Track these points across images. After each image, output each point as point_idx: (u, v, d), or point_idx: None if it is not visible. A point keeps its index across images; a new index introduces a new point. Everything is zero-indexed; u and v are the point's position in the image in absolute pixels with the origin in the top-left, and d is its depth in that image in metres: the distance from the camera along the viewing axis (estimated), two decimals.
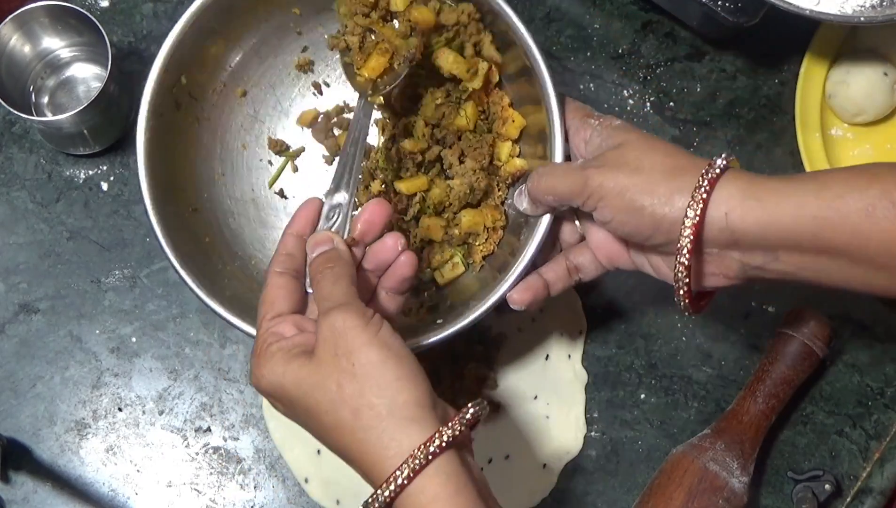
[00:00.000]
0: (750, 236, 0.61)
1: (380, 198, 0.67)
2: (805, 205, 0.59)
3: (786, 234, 0.60)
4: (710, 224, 0.61)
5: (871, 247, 0.58)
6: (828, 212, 0.58)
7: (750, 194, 0.60)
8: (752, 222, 0.60)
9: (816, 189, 0.59)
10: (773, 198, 0.60)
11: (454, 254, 0.76)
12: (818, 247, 0.59)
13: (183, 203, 0.75)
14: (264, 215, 0.79)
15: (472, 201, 0.75)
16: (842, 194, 0.58)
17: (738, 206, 0.60)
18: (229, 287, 0.73)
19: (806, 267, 0.61)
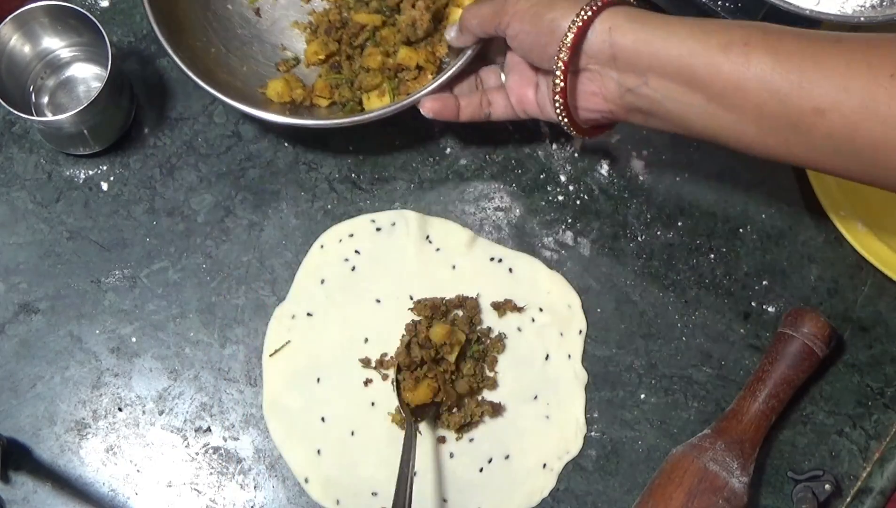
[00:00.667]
0: (626, 51, 0.67)
1: None
2: (676, 33, 0.65)
3: (655, 56, 0.66)
4: (594, 36, 0.68)
5: (722, 81, 0.64)
6: (693, 43, 0.65)
7: (634, 18, 0.68)
8: (629, 40, 0.67)
9: (691, 24, 0.66)
10: (652, 24, 0.67)
11: (385, 82, 0.84)
12: (681, 75, 0.65)
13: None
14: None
15: (413, 38, 0.84)
16: (709, 31, 0.65)
17: (621, 25, 0.67)
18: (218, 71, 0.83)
19: (670, 96, 0.67)
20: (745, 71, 0.63)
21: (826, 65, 0.61)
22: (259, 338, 0.82)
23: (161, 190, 0.86)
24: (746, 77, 0.63)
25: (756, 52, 0.63)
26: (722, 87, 0.64)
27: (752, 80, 0.63)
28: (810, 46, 0.62)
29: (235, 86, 0.83)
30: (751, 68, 0.63)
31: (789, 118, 0.62)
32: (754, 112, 0.63)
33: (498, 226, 0.85)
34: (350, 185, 0.86)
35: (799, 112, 0.62)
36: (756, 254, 0.85)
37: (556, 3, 0.70)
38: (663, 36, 0.66)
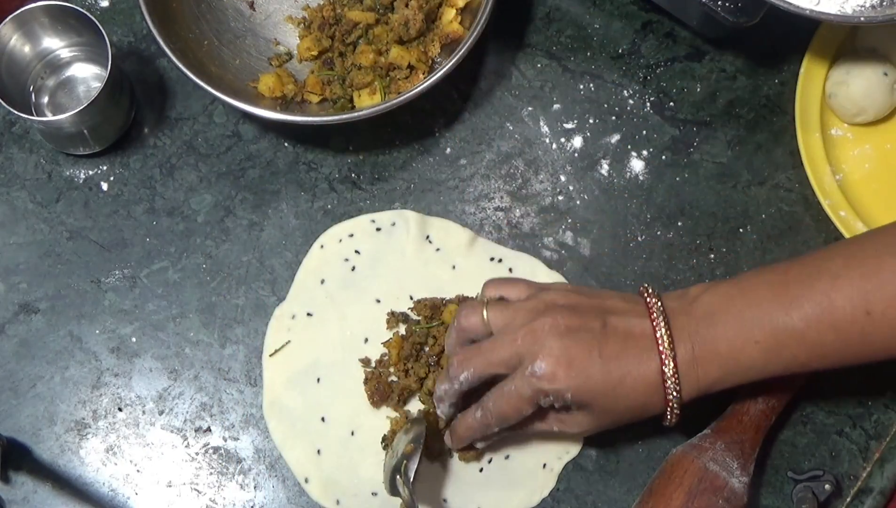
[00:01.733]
0: (716, 383, 0.69)
1: None
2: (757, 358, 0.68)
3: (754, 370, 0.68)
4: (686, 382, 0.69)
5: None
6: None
7: (704, 328, 0.68)
8: (714, 373, 0.69)
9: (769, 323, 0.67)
10: (732, 328, 0.67)
11: (376, 80, 0.84)
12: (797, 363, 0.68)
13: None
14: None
15: (405, 37, 0.84)
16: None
17: (703, 359, 0.68)
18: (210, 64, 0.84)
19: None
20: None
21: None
22: (259, 338, 0.82)
23: (161, 190, 0.86)
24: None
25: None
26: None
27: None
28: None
29: (227, 79, 0.84)
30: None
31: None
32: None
33: (498, 226, 0.85)
34: (350, 185, 0.86)
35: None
36: (756, 254, 0.85)
37: (623, 352, 0.68)
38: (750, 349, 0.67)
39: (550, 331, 0.67)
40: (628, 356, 0.67)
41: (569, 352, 0.67)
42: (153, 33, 0.80)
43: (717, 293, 0.69)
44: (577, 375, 0.67)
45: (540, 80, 0.88)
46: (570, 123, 0.88)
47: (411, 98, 0.79)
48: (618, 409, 0.69)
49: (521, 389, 0.68)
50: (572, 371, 0.67)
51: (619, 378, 0.67)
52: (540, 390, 0.68)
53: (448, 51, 0.84)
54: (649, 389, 0.68)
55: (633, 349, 0.68)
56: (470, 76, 0.88)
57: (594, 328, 0.68)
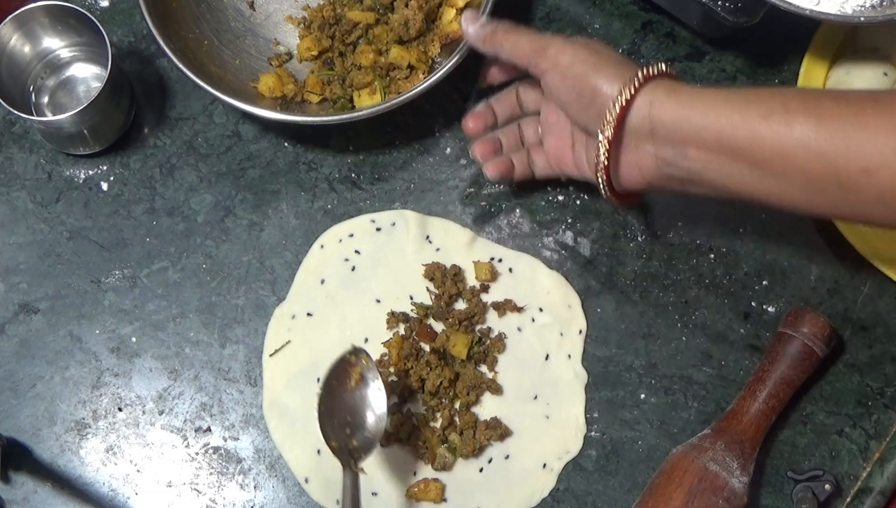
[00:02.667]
0: (664, 126, 0.67)
1: None
2: (714, 106, 0.66)
3: (694, 130, 0.66)
4: (635, 111, 0.68)
5: (765, 149, 0.64)
6: (732, 113, 0.65)
7: (672, 92, 0.68)
8: (668, 114, 0.67)
9: (727, 95, 0.66)
10: (689, 98, 0.67)
11: (376, 80, 0.84)
12: (721, 147, 0.66)
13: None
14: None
15: (405, 37, 0.84)
16: (747, 100, 0.65)
17: (661, 100, 0.67)
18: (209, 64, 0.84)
19: (710, 167, 0.67)
20: (788, 137, 0.63)
21: (870, 124, 0.61)
22: (259, 338, 0.82)
23: (161, 190, 0.86)
24: (790, 143, 0.63)
25: (797, 117, 0.63)
26: (765, 154, 0.64)
27: (796, 145, 0.63)
28: (850, 107, 0.62)
29: (227, 79, 0.84)
30: (794, 134, 0.63)
31: (837, 179, 0.62)
32: (800, 176, 0.64)
33: (498, 226, 0.85)
34: (350, 185, 0.86)
35: (846, 173, 0.62)
36: (756, 254, 0.85)
37: (601, 68, 0.70)
38: (701, 110, 0.66)
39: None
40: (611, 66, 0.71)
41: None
42: (153, 33, 0.80)
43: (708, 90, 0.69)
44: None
45: None
46: None
47: (411, 98, 0.79)
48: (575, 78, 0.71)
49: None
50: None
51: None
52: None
53: (448, 51, 0.84)
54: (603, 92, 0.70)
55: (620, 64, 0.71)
56: (470, 76, 0.88)
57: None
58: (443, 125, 0.87)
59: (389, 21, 0.86)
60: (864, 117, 0.62)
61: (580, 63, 0.71)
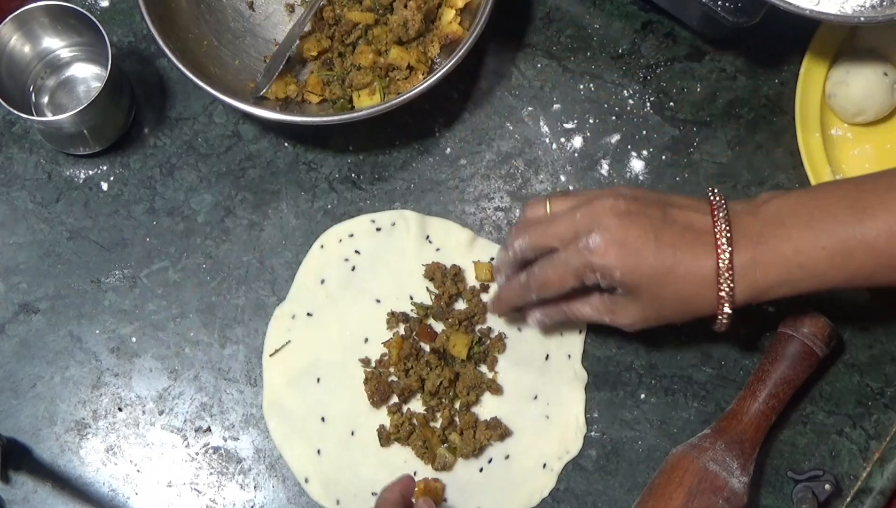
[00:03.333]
0: (774, 286, 0.68)
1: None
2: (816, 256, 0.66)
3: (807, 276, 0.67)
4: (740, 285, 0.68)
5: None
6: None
7: (763, 240, 0.67)
8: (773, 276, 0.67)
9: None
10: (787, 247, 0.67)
11: (375, 81, 0.84)
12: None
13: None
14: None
15: (405, 37, 0.84)
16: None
17: (762, 262, 0.67)
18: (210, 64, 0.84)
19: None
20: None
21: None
22: (259, 338, 0.82)
23: (161, 190, 0.86)
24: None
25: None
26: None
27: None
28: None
29: (227, 79, 0.84)
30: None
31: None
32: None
33: (498, 226, 0.85)
34: (350, 185, 0.86)
35: None
36: None
37: (680, 241, 0.68)
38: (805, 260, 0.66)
39: (610, 211, 0.68)
40: (684, 246, 0.67)
41: (625, 231, 0.67)
42: (153, 33, 0.80)
43: (788, 199, 0.68)
44: (629, 255, 0.67)
45: (540, 80, 0.88)
46: (570, 123, 0.88)
47: (411, 98, 0.79)
48: (667, 297, 0.68)
49: (571, 259, 0.69)
50: (625, 250, 0.67)
51: (671, 266, 0.67)
52: (589, 263, 0.68)
53: (448, 51, 0.84)
54: (702, 283, 0.67)
55: (691, 240, 0.67)
56: (470, 76, 0.88)
57: (654, 215, 0.68)
58: (443, 125, 0.87)
59: (389, 22, 0.86)
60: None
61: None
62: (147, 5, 0.81)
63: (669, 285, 0.68)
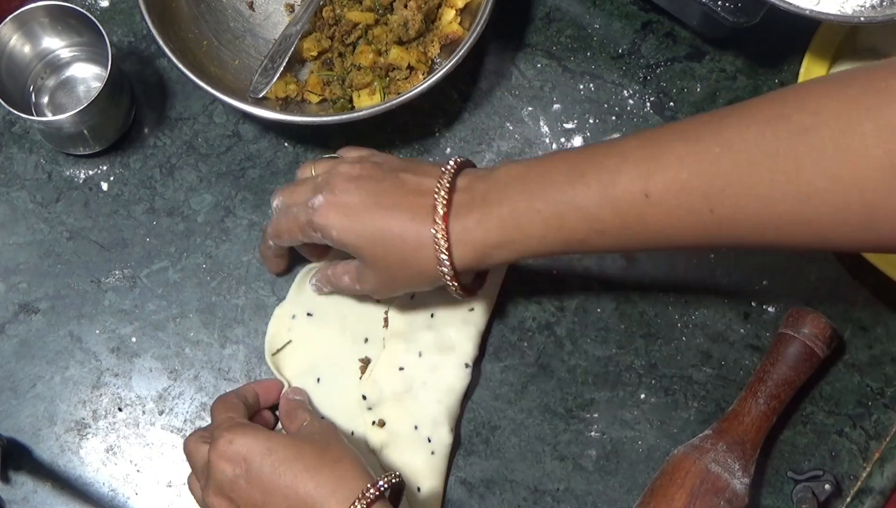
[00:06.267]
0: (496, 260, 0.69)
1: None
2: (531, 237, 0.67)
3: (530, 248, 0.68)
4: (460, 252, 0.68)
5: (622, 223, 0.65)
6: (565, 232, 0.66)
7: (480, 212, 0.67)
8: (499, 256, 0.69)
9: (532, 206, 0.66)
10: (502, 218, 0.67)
11: (375, 81, 0.85)
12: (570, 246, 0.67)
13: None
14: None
15: (405, 37, 0.85)
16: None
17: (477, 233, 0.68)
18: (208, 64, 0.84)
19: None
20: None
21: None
22: (259, 338, 0.82)
23: (161, 190, 0.86)
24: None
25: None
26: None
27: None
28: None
29: (227, 80, 0.84)
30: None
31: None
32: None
33: None
34: None
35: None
36: (756, 254, 0.85)
37: (400, 204, 0.69)
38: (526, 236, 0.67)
39: (342, 175, 0.71)
40: (403, 208, 0.68)
41: (348, 195, 0.70)
42: (153, 33, 0.80)
43: (516, 165, 0.69)
44: (346, 216, 0.69)
45: (540, 80, 0.88)
46: (570, 123, 0.88)
47: (411, 98, 0.79)
48: (390, 261, 0.70)
49: (299, 214, 0.72)
50: (342, 211, 0.69)
51: (386, 226, 0.68)
52: (311, 221, 0.71)
53: (448, 51, 0.84)
54: (420, 245, 0.68)
55: (412, 203, 0.68)
56: (470, 76, 0.88)
57: (384, 179, 0.70)
58: (443, 125, 0.87)
59: (389, 22, 0.86)
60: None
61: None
62: (147, 5, 0.81)
63: (390, 248, 0.69)
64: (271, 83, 0.83)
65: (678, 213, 0.62)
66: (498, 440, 0.81)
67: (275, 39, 0.87)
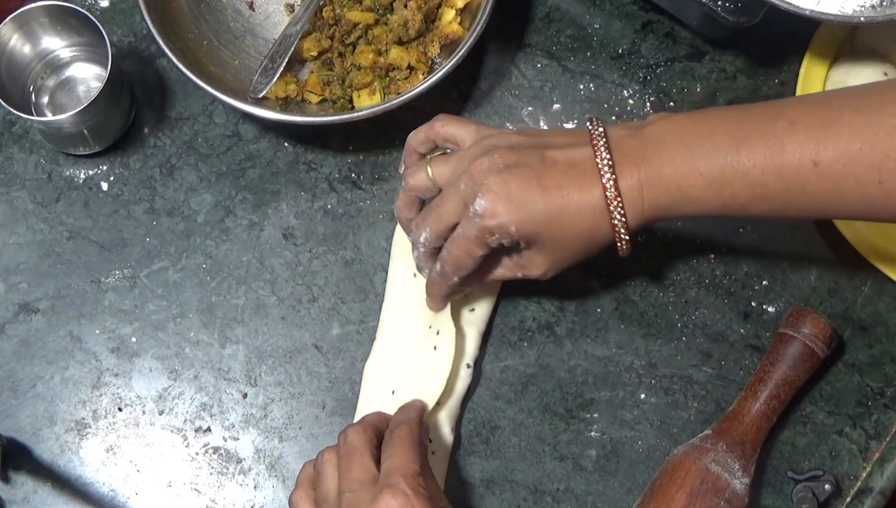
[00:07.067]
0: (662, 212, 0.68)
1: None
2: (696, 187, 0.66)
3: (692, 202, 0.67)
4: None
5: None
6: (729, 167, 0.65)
7: (650, 169, 0.66)
8: (663, 203, 0.67)
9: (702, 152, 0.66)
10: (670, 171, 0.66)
11: (375, 81, 0.85)
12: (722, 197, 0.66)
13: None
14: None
15: (405, 37, 0.85)
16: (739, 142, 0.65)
17: (649, 183, 0.67)
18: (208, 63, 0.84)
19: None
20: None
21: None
22: (259, 338, 0.82)
23: (161, 190, 0.86)
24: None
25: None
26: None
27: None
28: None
29: (227, 79, 0.84)
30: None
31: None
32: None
33: None
34: (350, 185, 0.86)
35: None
36: (756, 254, 0.85)
37: (564, 181, 0.67)
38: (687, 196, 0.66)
39: (488, 170, 0.68)
40: (569, 184, 0.67)
41: (507, 186, 0.67)
42: (153, 33, 0.80)
43: (670, 122, 0.68)
44: (518, 207, 0.67)
45: (540, 80, 0.88)
46: (570, 123, 0.88)
47: (411, 98, 0.79)
48: (565, 238, 0.68)
49: (468, 231, 0.68)
50: (512, 204, 0.67)
51: (561, 206, 0.67)
52: (484, 228, 0.68)
53: (448, 51, 0.84)
54: (595, 214, 0.67)
55: (575, 176, 0.67)
56: (470, 76, 0.88)
57: (532, 161, 0.68)
58: None
59: (389, 22, 0.86)
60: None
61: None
62: (147, 5, 0.81)
63: (566, 226, 0.68)
64: (271, 83, 0.83)
65: (845, 182, 0.62)
66: (498, 440, 0.81)
67: (275, 39, 0.87)
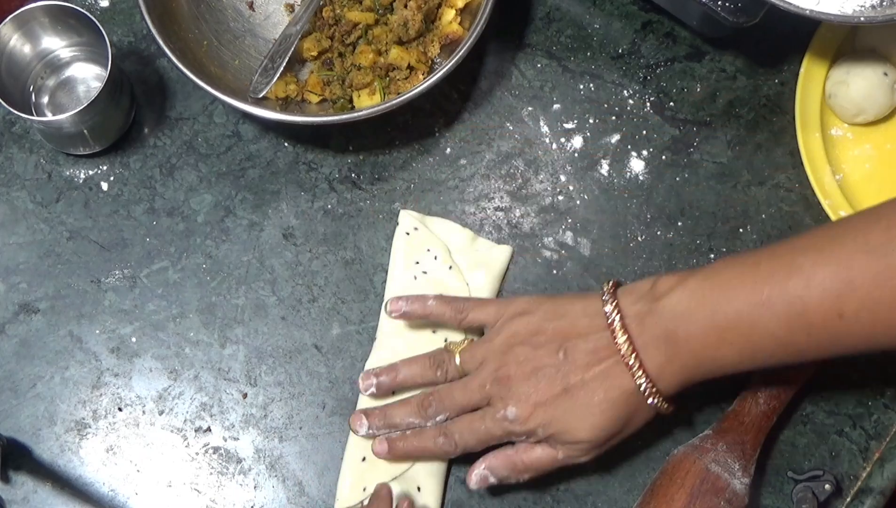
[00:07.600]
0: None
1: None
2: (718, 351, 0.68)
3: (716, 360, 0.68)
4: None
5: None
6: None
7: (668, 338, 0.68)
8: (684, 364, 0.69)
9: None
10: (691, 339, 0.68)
11: (375, 81, 0.85)
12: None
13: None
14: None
15: (405, 37, 0.85)
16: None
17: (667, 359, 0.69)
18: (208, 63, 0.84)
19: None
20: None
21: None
22: (259, 338, 0.82)
23: (161, 190, 0.86)
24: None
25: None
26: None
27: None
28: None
29: (227, 79, 0.84)
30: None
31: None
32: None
33: (498, 226, 0.85)
34: (350, 185, 0.86)
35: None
36: None
37: (588, 378, 0.70)
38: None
39: (516, 376, 0.71)
40: (594, 380, 0.70)
41: (537, 395, 0.70)
42: (153, 33, 0.80)
43: (686, 290, 0.68)
44: (545, 412, 0.70)
45: (540, 80, 0.88)
46: (570, 123, 0.88)
47: (411, 98, 0.79)
48: (602, 426, 0.70)
49: (493, 429, 0.72)
50: (540, 411, 0.70)
51: (593, 403, 0.70)
52: (512, 432, 0.72)
53: (448, 51, 0.84)
54: (629, 399, 0.70)
55: (601, 370, 0.69)
56: (470, 76, 0.88)
57: (556, 362, 0.70)
58: (443, 125, 0.87)
59: (389, 22, 0.86)
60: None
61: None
62: (147, 5, 0.81)
63: (596, 415, 0.70)
64: (271, 83, 0.83)
65: (875, 329, 0.63)
66: None
67: (275, 39, 0.87)
